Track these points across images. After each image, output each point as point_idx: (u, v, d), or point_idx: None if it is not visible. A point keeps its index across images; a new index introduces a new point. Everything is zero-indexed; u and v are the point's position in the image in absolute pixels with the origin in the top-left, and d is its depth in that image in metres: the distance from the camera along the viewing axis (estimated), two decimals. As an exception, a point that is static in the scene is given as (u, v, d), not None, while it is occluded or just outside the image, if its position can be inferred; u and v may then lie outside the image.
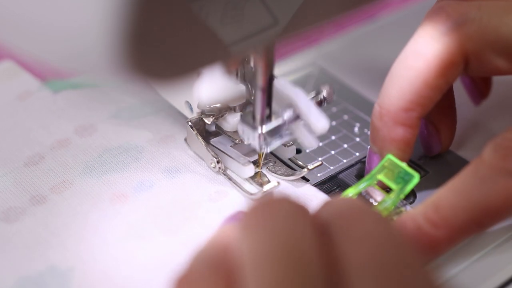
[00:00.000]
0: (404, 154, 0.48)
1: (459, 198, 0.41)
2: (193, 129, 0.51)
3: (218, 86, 0.46)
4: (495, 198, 0.41)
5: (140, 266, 0.44)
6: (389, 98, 0.47)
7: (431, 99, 0.47)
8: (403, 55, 0.47)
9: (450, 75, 0.46)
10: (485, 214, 0.41)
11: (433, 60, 0.46)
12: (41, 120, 0.54)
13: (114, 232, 0.46)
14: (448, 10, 0.46)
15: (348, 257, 0.31)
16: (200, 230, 0.46)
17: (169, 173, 0.50)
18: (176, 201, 0.48)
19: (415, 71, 0.46)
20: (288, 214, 0.33)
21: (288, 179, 0.50)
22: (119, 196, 0.48)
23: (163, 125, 0.54)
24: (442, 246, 0.42)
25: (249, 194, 0.49)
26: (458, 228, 0.41)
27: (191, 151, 0.52)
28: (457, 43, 0.46)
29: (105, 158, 0.51)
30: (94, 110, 0.55)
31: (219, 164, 0.49)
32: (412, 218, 0.42)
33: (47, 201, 0.48)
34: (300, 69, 0.62)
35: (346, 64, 0.63)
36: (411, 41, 0.47)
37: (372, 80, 0.61)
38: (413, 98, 0.46)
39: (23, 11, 0.32)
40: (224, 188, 0.49)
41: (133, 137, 0.53)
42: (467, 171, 0.42)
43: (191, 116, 0.51)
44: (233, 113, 0.50)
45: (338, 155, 0.53)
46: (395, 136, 0.47)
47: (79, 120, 0.54)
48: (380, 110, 0.48)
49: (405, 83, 0.46)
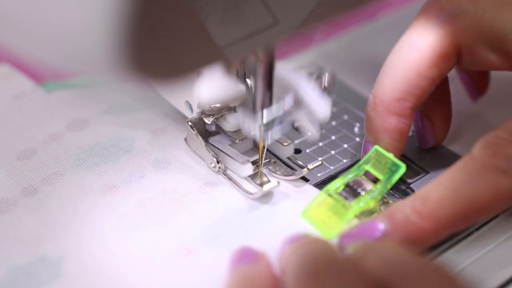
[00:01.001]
0: (398, 144, 0.48)
1: (447, 192, 0.42)
2: (193, 129, 0.51)
3: (218, 86, 0.46)
4: (482, 193, 0.42)
5: (130, 255, 0.44)
6: (383, 88, 0.48)
7: (424, 90, 0.47)
8: (397, 47, 0.48)
9: (443, 66, 0.47)
10: (472, 209, 0.42)
11: (426, 51, 0.46)
12: (34, 117, 0.55)
13: (104, 222, 0.46)
14: (442, 2, 0.47)
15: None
16: (190, 221, 0.47)
17: (160, 164, 0.51)
18: (166, 192, 0.49)
19: (408, 62, 0.47)
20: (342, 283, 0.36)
21: (288, 179, 0.50)
22: (109, 187, 0.49)
23: (154, 119, 0.55)
24: (428, 237, 0.42)
25: (249, 193, 0.49)
26: (445, 220, 0.42)
27: (181, 144, 0.52)
28: (450, 35, 0.46)
29: (96, 151, 0.51)
30: (86, 107, 0.55)
31: (219, 164, 0.49)
32: (401, 209, 0.43)
33: (38, 192, 0.48)
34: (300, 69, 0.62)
35: (346, 64, 0.63)
36: (406, 33, 0.48)
37: (372, 79, 0.61)
38: (406, 88, 0.47)
39: (23, 11, 0.32)
40: (214, 180, 0.50)
41: (125, 131, 0.53)
42: (456, 166, 0.43)
43: (191, 116, 0.51)
44: (233, 113, 0.50)
45: (338, 155, 0.53)
46: (388, 125, 0.48)
47: (72, 116, 0.55)
48: (374, 100, 0.48)
49: (398, 74, 0.47)
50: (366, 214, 0.47)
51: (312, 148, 0.54)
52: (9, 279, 0.43)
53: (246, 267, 0.41)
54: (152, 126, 0.54)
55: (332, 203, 0.46)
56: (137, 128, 0.54)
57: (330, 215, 0.46)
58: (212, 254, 0.45)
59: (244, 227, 0.47)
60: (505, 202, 0.43)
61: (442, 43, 0.46)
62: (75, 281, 0.43)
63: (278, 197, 0.49)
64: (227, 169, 0.50)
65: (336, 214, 0.46)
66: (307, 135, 0.50)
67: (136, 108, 0.56)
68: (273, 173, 0.51)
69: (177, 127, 0.54)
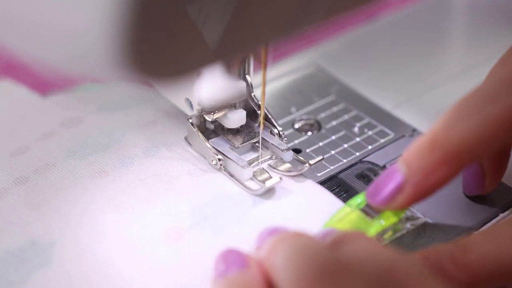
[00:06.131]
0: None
1: (491, 247, 0.40)
2: (194, 127, 0.51)
3: (218, 86, 0.46)
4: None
5: (119, 237, 0.45)
6: (457, 131, 0.43)
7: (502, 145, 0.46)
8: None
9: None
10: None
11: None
12: (28, 118, 0.55)
13: (94, 204, 0.46)
14: None
15: None
16: (179, 202, 0.47)
17: (150, 151, 0.51)
18: (155, 175, 0.49)
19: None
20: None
21: (289, 175, 0.50)
22: (99, 172, 0.49)
23: (146, 113, 0.55)
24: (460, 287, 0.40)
25: (251, 190, 0.48)
26: (481, 276, 0.40)
27: (172, 134, 0.53)
28: None
29: (87, 142, 0.52)
30: (80, 107, 0.56)
31: (220, 161, 0.49)
32: (437, 253, 0.41)
33: (29, 181, 0.48)
34: (300, 69, 0.62)
35: (346, 64, 0.63)
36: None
37: (372, 80, 0.61)
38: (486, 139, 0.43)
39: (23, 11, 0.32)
40: (202, 166, 0.50)
41: (116, 124, 0.54)
42: (506, 222, 0.42)
43: (192, 113, 0.51)
44: (234, 110, 0.51)
45: (338, 155, 0.53)
46: (441, 176, 0.43)
47: (65, 115, 0.55)
48: (438, 141, 0.43)
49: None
50: (388, 231, 0.46)
51: (312, 148, 0.54)
52: (0, 264, 0.43)
53: (236, 274, 0.40)
54: (144, 119, 0.54)
55: (355, 220, 0.45)
56: (129, 121, 0.54)
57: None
58: (201, 236, 0.45)
59: (234, 211, 0.47)
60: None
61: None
62: (65, 264, 0.43)
63: (280, 193, 0.49)
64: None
65: (358, 230, 0.45)
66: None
67: (129, 104, 0.56)
68: (274, 169, 0.51)
69: (168, 119, 0.54)
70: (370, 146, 0.54)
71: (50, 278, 0.42)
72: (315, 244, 0.39)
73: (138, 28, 0.30)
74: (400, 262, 0.38)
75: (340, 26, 0.67)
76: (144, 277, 0.43)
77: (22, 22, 0.33)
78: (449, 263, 0.40)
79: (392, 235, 0.46)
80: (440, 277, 0.40)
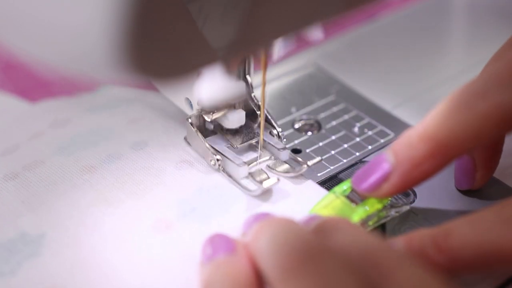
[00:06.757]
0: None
1: (473, 232, 0.41)
2: (193, 126, 0.51)
3: (218, 86, 0.46)
4: (510, 243, 0.40)
5: (107, 230, 0.45)
6: (444, 125, 0.43)
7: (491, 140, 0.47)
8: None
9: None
10: (494, 256, 0.40)
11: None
12: (18, 123, 0.56)
13: (82, 198, 0.47)
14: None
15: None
16: (166, 195, 0.47)
17: (138, 145, 0.51)
18: (143, 169, 0.49)
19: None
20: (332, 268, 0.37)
21: (287, 176, 0.50)
22: (88, 167, 0.49)
23: (133, 110, 0.55)
24: (439, 271, 0.40)
25: (249, 191, 0.49)
26: (462, 261, 0.41)
27: (159, 128, 0.53)
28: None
29: (76, 140, 0.52)
30: (69, 110, 0.56)
31: (219, 161, 0.49)
32: (420, 236, 0.42)
33: (19, 177, 0.49)
34: (300, 69, 0.62)
35: (346, 64, 0.63)
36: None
37: (372, 80, 0.61)
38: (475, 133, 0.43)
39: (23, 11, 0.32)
40: (189, 159, 0.51)
41: (105, 122, 0.54)
42: (491, 210, 0.42)
43: (191, 113, 0.51)
44: (233, 110, 0.51)
45: (338, 155, 0.53)
46: (427, 168, 0.44)
47: (55, 117, 0.55)
48: (426, 133, 0.44)
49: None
50: (373, 218, 0.46)
51: (312, 148, 0.54)
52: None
53: (223, 258, 0.41)
54: (132, 115, 0.55)
55: (339, 206, 0.46)
56: (116, 119, 0.54)
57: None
58: (188, 226, 0.45)
59: (220, 202, 0.47)
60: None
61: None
62: (54, 255, 0.43)
63: (277, 194, 0.49)
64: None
65: (342, 216, 0.46)
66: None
67: (117, 105, 0.56)
68: (272, 170, 0.51)
69: (156, 114, 0.55)
70: (370, 146, 0.54)
71: (40, 268, 0.43)
72: (298, 228, 0.39)
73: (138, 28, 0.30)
74: (381, 246, 0.39)
75: (340, 26, 0.67)
76: (133, 266, 0.43)
77: (22, 22, 0.33)
78: (431, 246, 0.41)
79: (377, 222, 0.47)
80: (422, 261, 0.40)
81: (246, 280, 0.39)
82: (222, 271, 0.40)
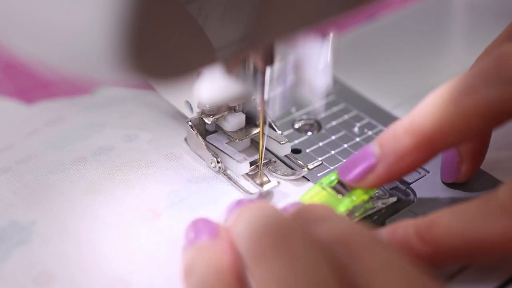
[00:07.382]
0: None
1: (456, 223, 0.41)
2: (193, 129, 0.51)
3: (218, 86, 0.46)
4: (492, 235, 0.40)
5: (98, 219, 0.46)
6: (427, 117, 0.43)
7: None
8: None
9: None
10: (477, 247, 0.41)
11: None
12: (13, 122, 0.56)
13: (73, 188, 0.48)
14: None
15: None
16: (156, 185, 0.48)
17: (128, 138, 0.52)
18: (133, 160, 0.50)
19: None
20: (303, 245, 0.37)
21: (288, 179, 0.50)
22: (79, 159, 0.50)
23: (127, 107, 0.56)
24: (423, 262, 0.40)
25: (249, 193, 0.49)
26: (445, 251, 0.41)
27: (149, 120, 0.53)
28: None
29: (69, 135, 0.53)
30: (64, 110, 0.57)
31: (219, 164, 0.50)
32: (404, 226, 0.42)
33: (11, 170, 0.49)
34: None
35: (346, 64, 0.63)
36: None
37: (372, 80, 0.61)
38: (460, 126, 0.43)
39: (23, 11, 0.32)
40: (179, 151, 0.51)
41: (98, 118, 0.55)
42: (475, 201, 0.42)
43: (191, 115, 0.51)
44: (233, 113, 0.51)
45: (338, 155, 0.53)
46: (414, 160, 0.44)
47: (50, 116, 0.56)
48: (412, 126, 0.44)
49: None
50: (359, 209, 0.47)
51: (312, 148, 0.54)
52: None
53: (206, 242, 0.41)
54: (125, 111, 0.55)
55: (326, 197, 0.47)
56: (110, 116, 0.55)
57: None
58: (176, 215, 0.46)
59: (208, 194, 0.48)
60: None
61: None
62: (45, 242, 0.44)
63: (278, 197, 0.49)
64: (227, 169, 0.50)
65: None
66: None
67: (111, 103, 0.57)
68: (273, 173, 0.51)
69: (148, 109, 0.55)
70: (370, 146, 0.54)
71: (30, 254, 0.43)
72: (276, 213, 0.40)
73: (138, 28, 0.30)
74: (355, 230, 0.39)
75: (340, 26, 0.67)
76: (122, 254, 0.44)
77: (22, 22, 0.33)
78: (414, 237, 0.41)
79: (363, 213, 0.47)
80: (405, 250, 0.41)
81: (228, 264, 0.39)
82: (204, 255, 0.40)
